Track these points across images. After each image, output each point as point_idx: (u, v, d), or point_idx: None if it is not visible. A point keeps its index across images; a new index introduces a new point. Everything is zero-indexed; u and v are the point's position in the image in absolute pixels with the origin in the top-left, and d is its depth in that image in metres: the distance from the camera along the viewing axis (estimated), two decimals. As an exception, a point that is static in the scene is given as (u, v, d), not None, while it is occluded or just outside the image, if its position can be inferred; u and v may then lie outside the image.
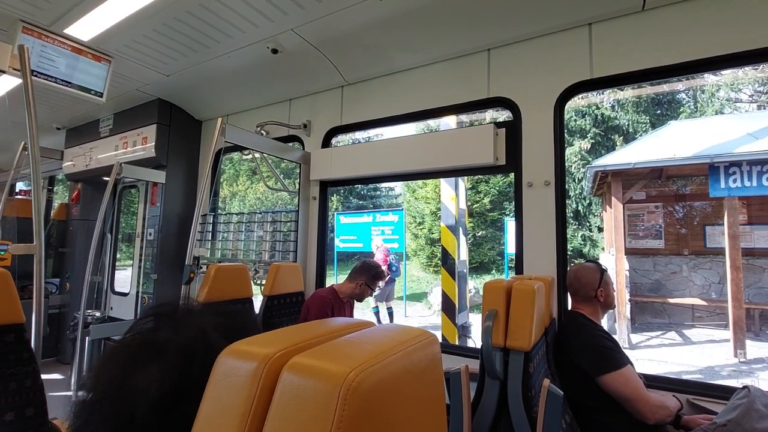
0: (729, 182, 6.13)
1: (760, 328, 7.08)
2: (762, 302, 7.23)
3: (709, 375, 5.41)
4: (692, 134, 7.34)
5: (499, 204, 12.63)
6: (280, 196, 15.35)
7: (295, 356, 0.37)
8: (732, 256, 6.23)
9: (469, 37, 2.22)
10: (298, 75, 2.74)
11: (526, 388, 1.28)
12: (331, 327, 0.50)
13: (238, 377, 0.37)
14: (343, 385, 0.32)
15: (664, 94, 13.22)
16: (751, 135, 6.41)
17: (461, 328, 4.88)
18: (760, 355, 5.99)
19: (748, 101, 13.71)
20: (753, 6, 1.67)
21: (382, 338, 0.45)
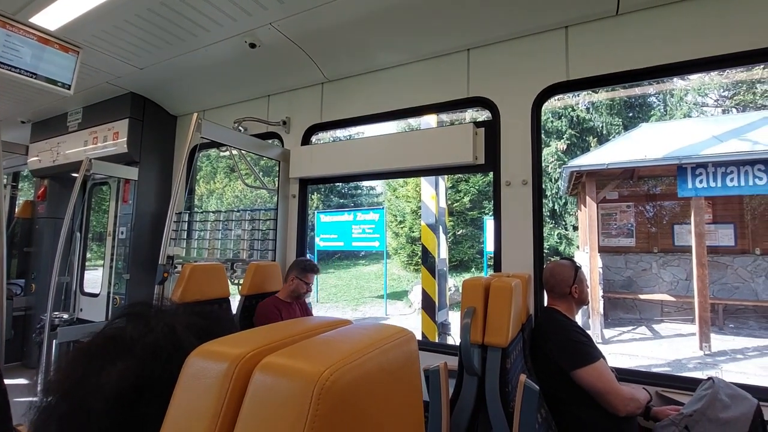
0: (696, 183, 6.40)
1: (723, 322, 7.43)
2: (725, 298, 7.59)
3: (677, 367, 5.65)
4: (662, 136, 7.63)
5: (478, 203, 12.80)
6: (259, 194, 15.12)
7: (268, 356, 0.36)
8: (698, 253, 6.52)
9: (449, 36, 2.23)
10: (277, 71, 2.70)
11: (504, 383, 1.30)
12: (306, 326, 0.49)
13: (207, 378, 0.36)
14: (317, 384, 0.32)
15: (636, 97, 13.69)
16: (716, 138, 6.71)
17: (441, 325, 4.92)
18: (724, 347, 6.29)
19: (713, 105, 14.35)
20: (719, 14, 1.74)
21: (358, 337, 0.44)
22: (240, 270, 2.61)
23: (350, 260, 16.20)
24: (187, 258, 3.10)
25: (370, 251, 13.13)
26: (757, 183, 6.07)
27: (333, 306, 10.81)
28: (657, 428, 1.52)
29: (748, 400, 1.41)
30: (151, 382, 0.44)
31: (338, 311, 10.23)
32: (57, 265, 2.74)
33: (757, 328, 7.26)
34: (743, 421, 1.35)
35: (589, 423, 1.57)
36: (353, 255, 16.13)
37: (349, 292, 12.11)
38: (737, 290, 7.75)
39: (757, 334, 6.98)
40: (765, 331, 7.12)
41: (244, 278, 2.38)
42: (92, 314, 3.72)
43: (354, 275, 14.13)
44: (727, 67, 1.98)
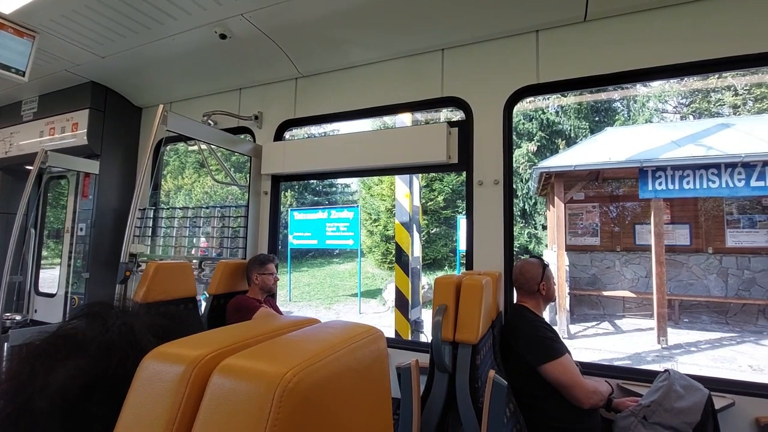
0: (656, 185, 6.75)
1: (679, 317, 7.87)
2: (681, 294, 8.04)
3: (637, 360, 5.93)
4: (625, 140, 7.99)
5: (452, 202, 12.99)
6: (230, 191, 14.74)
7: (228, 358, 0.35)
8: (657, 252, 6.87)
9: (424, 35, 2.24)
10: (248, 64, 2.63)
11: (473, 379, 1.32)
12: (272, 325, 0.48)
13: (162, 382, 0.34)
14: (279, 387, 0.31)
15: (602, 102, 14.27)
16: (675, 143, 7.09)
17: (414, 323, 4.96)
18: (679, 341, 6.66)
19: (672, 112, 15.15)
20: (680, 24, 1.82)
21: (326, 336, 0.43)
22: (209, 269, 2.53)
23: (324, 258, 16.08)
24: (151, 256, 2.98)
25: (345, 249, 13.06)
26: (710, 186, 6.46)
27: (306, 305, 10.69)
28: (618, 419, 1.59)
29: (700, 390, 1.50)
30: (103, 382, 0.42)
31: (311, 310, 10.13)
32: (9, 263, 2.57)
33: (709, 322, 7.74)
34: (695, 409, 1.44)
35: (555, 416, 1.62)
36: (327, 253, 16.02)
37: (322, 291, 12.01)
38: (692, 287, 8.22)
39: (709, 328, 7.44)
40: (716, 325, 7.60)
41: (212, 277, 2.31)
42: (48, 315, 3.51)
43: (328, 273, 14.04)
44: (687, 75, 2.09)
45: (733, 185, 6.35)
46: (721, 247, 8.10)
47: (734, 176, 6.33)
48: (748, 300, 7.52)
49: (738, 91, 13.22)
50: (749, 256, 7.87)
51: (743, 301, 7.54)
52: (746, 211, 7.98)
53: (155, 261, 2.10)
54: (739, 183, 6.31)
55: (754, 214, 7.92)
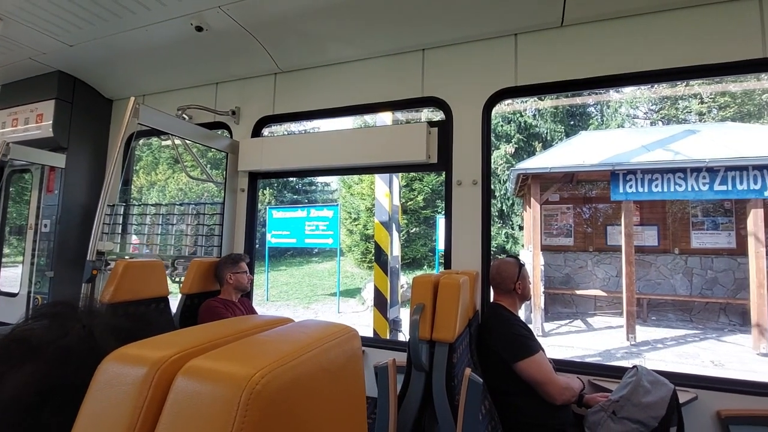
0: (626, 188, 6.99)
1: (647, 315, 8.18)
2: (649, 293, 8.35)
3: (607, 357, 6.13)
4: (598, 144, 8.24)
5: (432, 202, 13.08)
6: (206, 188, 14.40)
7: (194, 359, 0.33)
8: (627, 252, 7.12)
9: (405, 35, 2.24)
10: (226, 57, 2.56)
11: (450, 378, 1.33)
12: (243, 325, 0.47)
13: (122, 386, 0.32)
14: (246, 389, 0.30)
15: (577, 107, 14.69)
16: (645, 147, 7.36)
17: (392, 322, 4.97)
18: (647, 338, 6.92)
19: (643, 118, 15.74)
20: (653, 32, 1.89)
21: (298, 335, 0.42)
22: (182, 267, 2.45)
23: (303, 257, 15.92)
24: (121, 254, 2.88)
25: (324, 248, 12.96)
26: (677, 189, 6.74)
27: (284, 304, 10.56)
28: (588, 414, 1.64)
29: (666, 385, 1.56)
30: (59, 389, 0.39)
31: (289, 310, 10.01)
32: (-36, 261, 2.43)
33: (675, 320, 8.08)
34: (661, 403, 1.50)
35: (529, 412, 1.66)
36: (306, 252, 15.87)
37: (301, 290, 11.89)
38: (659, 286, 8.56)
39: (674, 325, 7.77)
40: (681, 322, 7.94)
41: (185, 276, 2.25)
42: (9, 316, 3.34)
43: (307, 272, 13.91)
44: (657, 82, 2.17)
45: (698, 189, 6.64)
46: (686, 248, 8.45)
47: (699, 180, 6.62)
48: (711, 298, 7.89)
49: (703, 99, 13.87)
50: (712, 256, 8.25)
51: (706, 299, 7.89)
52: (710, 213, 8.36)
53: (125, 259, 2.02)
54: (704, 187, 6.60)
55: (717, 217, 8.31)
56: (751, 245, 6.48)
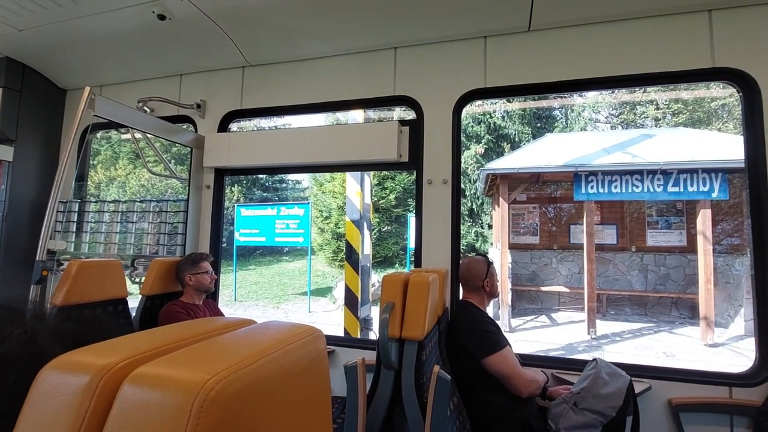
0: (588, 188, 7.30)
1: (606, 309, 8.58)
2: (608, 288, 8.76)
3: (570, 350, 6.39)
4: (563, 146, 8.56)
5: (403, 200, 13.17)
6: (171, 184, 13.85)
7: (143, 365, 0.31)
8: (588, 250, 7.44)
9: (377, 32, 2.23)
10: (190, 48, 2.46)
11: (419, 375, 1.33)
12: (201, 328, 0.45)
13: (62, 396, 0.30)
14: (199, 396, 0.28)
15: (543, 110, 15.19)
16: (605, 150, 7.71)
17: (363, 321, 4.96)
18: (606, 331, 7.26)
19: (604, 122, 16.50)
20: (614, 39, 1.98)
21: (259, 338, 0.41)
22: (142, 267, 2.34)
23: (273, 256, 15.63)
24: (76, 254, 2.71)
25: (295, 247, 12.77)
26: (635, 190, 7.10)
27: (252, 304, 10.33)
28: (552, 406, 1.70)
29: (622, 376, 1.63)
30: None
31: (258, 310, 9.80)
32: None
33: (632, 314, 8.52)
34: (619, 394, 1.57)
35: (495, 405, 1.70)
36: (276, 251, 15.59)
37: (271, 290, 11.67)
38: (617, 282, 8.99)
39: (631, 319, 8.19)
40: (637, 316, 8.38)
41: (146, 276, 2.15)
42: (-54, 321, 3.07)
43: (277, 272, 13.67)
44: (617, 87, 2.27)
45: (653, 190, 7.02)
46: (642, 246, 8.92)
47: (654, 182, 7.00)
48: (664, 293, 8.37)
49: (659, 106, 14.70)
50: (665, 254, 8.75)
51: (659, 294, 8.37)
52: (664, 213, 8.86)
53: (79, 259, 1.91)
54: (659, 188, 6.99)
55: (670, 217, 8.82)
56: (700, 243, 6.93)
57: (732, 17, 1.85)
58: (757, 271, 1.81)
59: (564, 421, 1.62)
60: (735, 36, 1.84)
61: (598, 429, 1.56)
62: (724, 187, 6.73)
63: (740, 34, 1.84)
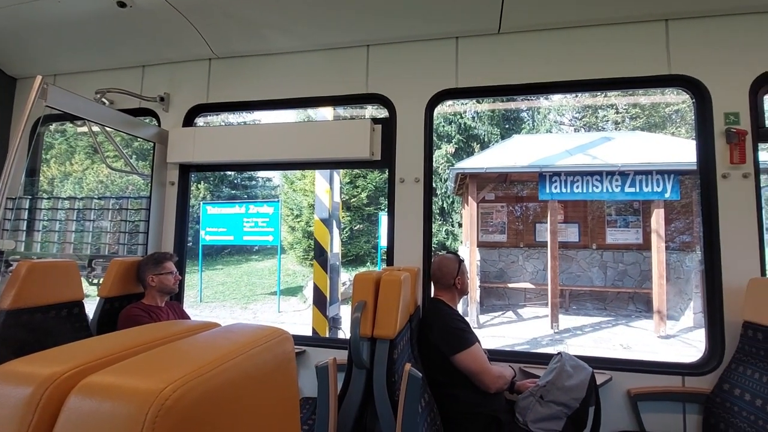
0: (552, 188, 7.57)
1: (569, 304, 8.95)
2: (571, 284, 9.14)
3: (534, 344, 6.62)
4: (529, 147, 8.84)
5: (375, 199, 13.18)
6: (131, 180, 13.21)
7: (92, 374, 0.29)
8: (552, 248, 7.72)
9: (350, 29, 2.21)
10: (154, 38, 2.35)
11: (390, 374, 1.33)
12: (161, 333, 0.43)
13: (3, 409, 0.28)
14: (153, 405, 0.26)
15: (512, 111, 15.64)
16: (568, 152, 8.03)
17: (332, 320, 4.93)
18: (568, 326, 7.58)
19: (569, 124, 17.17)
20: (577, 45, 2.05)
21: (222, 342, 0.39)
22: (101, 268, 2.22)
23: (242, 255, 15.25)
24: (27, 254, 2.54)
25: (265, 246, 12.51)
26: (595, 190, 7.44)
27: (219, 305, 10.04)
28: (519, 400, 1.75)
29: (585, 369, 1.70)
30: None
31: (224, 311, 9.54)
32: None
33: (592, 308, 8.93)
34: (582, 386, 1.64)
35: (464, 401, 1.72)
36: (246, 250, 15.22)
37: (239, 290, 11.38)
38: (579, 278, 9.39)
39: (592, 313, 8.59)
40: (597, 311, 8.79)
41: (104, 277, 2.04)
42: None
43: (246, 271, 13.35)
44: (582, 91, 2.35)
45: (612, 190, 7.38)
46: (602, 244, 9.36)
47: (613, 183, 7.36)
48: (621, 289, 8.82)
49: (618, 110, 15.46)
50: (623, 251, 9.21)
51: (618, 289, 8.81)
52: (622, 213, 9.34)
53: (30, 260, 1.78)
54: (616, 188, 7.35)
55: (627, 216, 9.29)
56: (654, 241, 7.35)
57: (687, 27, 1.96)
58: (707, 267, 1.91)
59: (531, 414, 1.67)
60: (689, 45, 1.95)
61: (562, 420, 1.62)
62: (676, 188, 7.15)
63: (694, 43, 1.94)
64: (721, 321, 1.84)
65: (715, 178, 1.89)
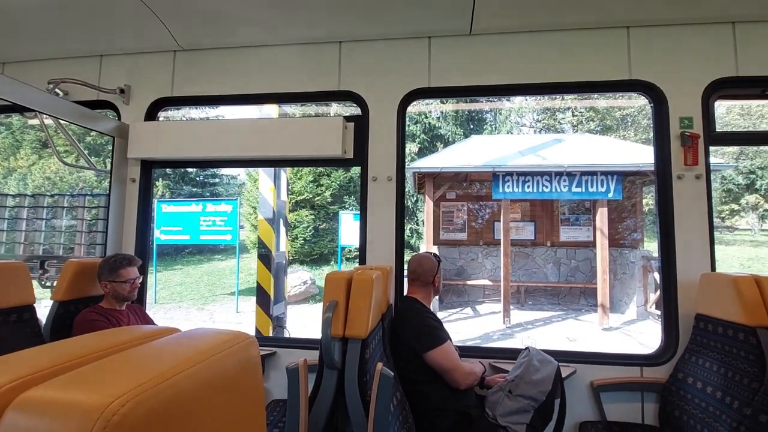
0: (505, 188, 7.82)
1: (525, 300, 9.34)
2: (527, 280, 9.49)
3: (486, 339, 6.83)
4: (485, 147, 9.10)
5: (339, 197, 13.08)
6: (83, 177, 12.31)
7: (33, 388, 0.27)
8: (504, 245, 7.96)
9: (322, 25, 2.17)
10: (112, 26, 2.21)
11: (362, 373, 1.33)
12: (113, 340, 0.40)
13: None
14: (99, 422, 0.24)
15: (476, 112, 16.06)
16: (520, 152, 8.34)
17: (276, 319, 4.86)
18: (520, 320, 7.83)
19: (529, 126, 17.92)
20: (545, 49, 2.12)
21: (179, 349, 0.37)
22: (55, 269, 2.07)
23: (203, 255, 14.64)
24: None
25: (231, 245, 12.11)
26: (544, 190, 7.75)
27: (175, 306, 9.60)
28: (489, 395, 1.80)
29: (551, 363, 1.77)
30: None
31: (180, 312, 9.14)
32: None
33: (546, 303, 9.36)
34: (548, 379, 1.70)
35: (436, 397, 1.75)
36: (208, 249, 14.62)
37: (197, 290, 10.93)
38: (535, 274, 9.78)
39: (545, 308, 8.98)
40: (551, 305, 9.20)
41: (58, 280, 1.90)
42: None
43: (206, 271, 12.84)
44: (548, 94, 2.45)
45: (560, 190, 7.72)
46: (556, 241, 9.78)
47: (561, 183, 7.71)
48: (573, 284, 9.28)
49: (575, 113, 16.34)
50: (575, 248, 9.69)
51: (570, 285, 9.29)
52: (575, 211, 9.83)
53: (-29, 261, 1.64)
54: (564, 188, 7.71)
55: (579, 214, 9.80)
56: (598, 238, 7.76)
57: (647, 35, 2.06)
58: (663, 263, 2.01)
59: (500, 408, 1.71)
60: (649, 52, 2.05)
61: (530, 413, 1.67)
62: (618, 189, 7.57)
63: (653, 50, 2.05)
64: (676, 314, 1.95)
65: (671, 178, 1.98)
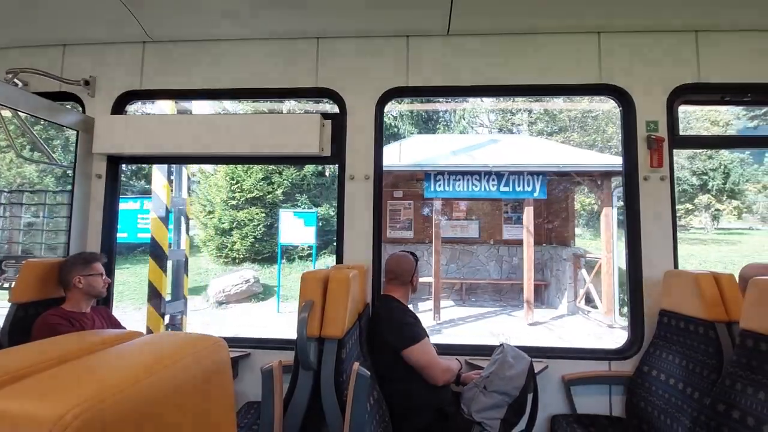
0: (436, 187, 7.98)
1: (466, 296, 9.55)
2: (470, 277, 9.78)
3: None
4: (423, 147, 9.25)
5: (291, 196, 12.77)
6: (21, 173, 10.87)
7: None
8: (435, 243, 8.16)
9: (298, 19, 2.14)
10: (76, 14, 2.05)
11: (338, 373, 1.32)
12: (72, 345, 0.38)
13: None
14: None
15: (432, 112, 16.23)
16: (452, 152, 8.54)
17: (171, 317, 4.80)
18: (452, 317, 7.97)
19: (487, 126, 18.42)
20: (518, 51, 2.17)
21: (142, 354, 0.35)
22: (13, 270, 1.91)
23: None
24: None
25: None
26: (474, 189, 7.99)
27: (113, 307, 8.87)
28: (464, 391, 1.83)
29: (525, 358, 1.79)
30: None
31: (117, 312, 8.46)
32: None
33: (489, 299, 9.67)
34: (521, 375, 1.73)
35: (413, 395, 1.77)
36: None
37: (141, 290, 10.20)
38: (478, 271, 10.04)
39: (486, 304, 9.23)
40: (492, 302, 9.48)
41: (16, 281, 1.77)
42: None
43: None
44: (520, 95, 2.55)
45: (489, 189, 7.90)
46: (499, 239, 10.08)
47: (489, 182, 7.92)
48: (514, 281, 9.38)
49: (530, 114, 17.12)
50: (516, 246, 9.84)
51: (511, 282, 9.63)
52: (516, 210, 10.08)
53: None
54: (493, 188, 7.90)
55: (521, 213, 10.21)
56: (525, 236, 8.06)
57: (617, 40, 2.12)
58: (630, 261, 2.07)
59: (475, 405, 1.73)
60: (618, 57, 2.11)
61: (504, 408, 1.70)
62: (543, 188, 7.79)
63: (622, 55, 2.11)
64: (642, 310, 2.03)
65: (638, 180, 2.06)
